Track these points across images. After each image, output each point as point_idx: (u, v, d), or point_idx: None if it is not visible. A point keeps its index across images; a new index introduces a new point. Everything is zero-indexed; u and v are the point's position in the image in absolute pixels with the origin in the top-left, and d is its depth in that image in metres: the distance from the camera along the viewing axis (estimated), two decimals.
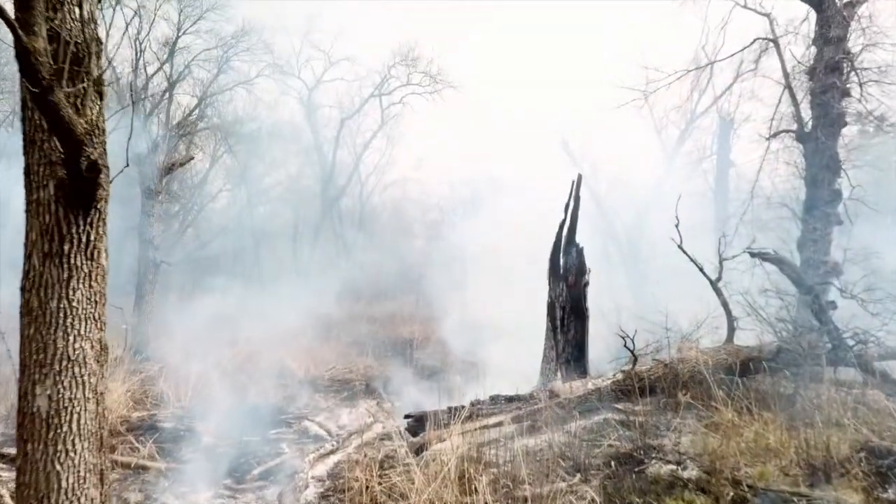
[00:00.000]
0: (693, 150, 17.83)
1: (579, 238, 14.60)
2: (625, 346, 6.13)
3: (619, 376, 6.27)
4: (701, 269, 7.56)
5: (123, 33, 18.78)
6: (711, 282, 7.50)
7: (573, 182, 6.81)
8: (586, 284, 6.63)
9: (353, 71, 19.53)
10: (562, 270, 6.77)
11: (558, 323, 6.64)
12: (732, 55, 9.50)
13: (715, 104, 15.97)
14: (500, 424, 5.65)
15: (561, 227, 6.83)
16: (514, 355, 9.64)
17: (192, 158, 9.18)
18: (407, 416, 5.66)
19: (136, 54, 21.24)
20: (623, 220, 22.27)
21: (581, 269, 6.67)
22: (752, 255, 7.17)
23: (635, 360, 6.26)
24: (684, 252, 7.58)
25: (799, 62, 9.56)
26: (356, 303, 18.07)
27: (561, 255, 6.81)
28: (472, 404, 5.75)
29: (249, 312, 14.68)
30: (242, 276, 20.74)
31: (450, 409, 5.61)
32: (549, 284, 6.83)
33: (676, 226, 7.67)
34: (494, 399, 5.83)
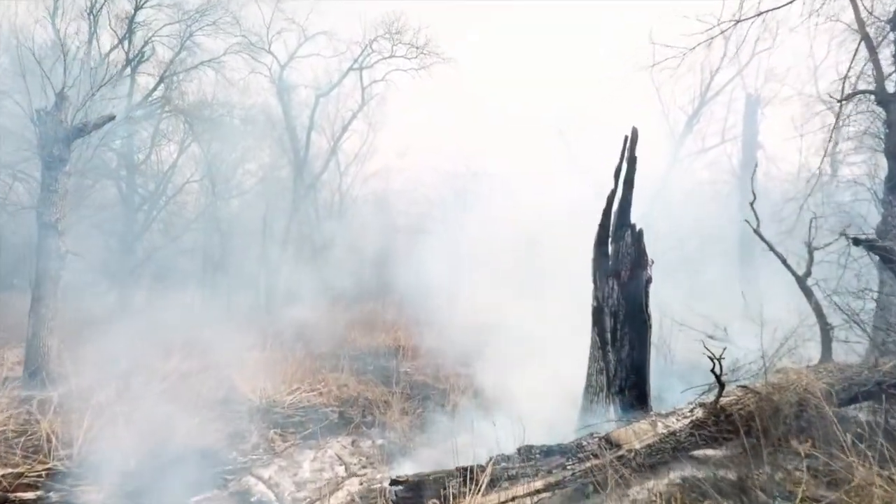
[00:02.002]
0: (707, 135, 16.21)
1: (584, 232, 12.76)
2: (712, 370, 4.24)
3: (699, 413, 4.38)
4: (784, 262, 5.73)
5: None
6: (799, 279, 5.67)
7: (626, 138, 4.91)
8: (648, 281, 4.73)
9: (331, 47, 17.46)
10: (611, 262, 4.86)
11: (608, 335, 4.72)
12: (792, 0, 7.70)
13: (740, 77, 14.28)
14: (537, 493, 3.72)
15: (609, 202, 4.92)
16: (534, 369, 7.74)
17: (114, 118, 7.06)
18: (395, 483, 3.68)
19: (91, 29, 18.86)
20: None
21: (639, 260, 4.77)
22: (857, 242, 5.35)
23: (721, 388, 4.39)
24: (763, 239, 5.75)
25: (870, 13, 7.86)
26: (333, 305, 15.99)
27: (610, 240, 4.90)
28: (495, 462, 3.80)
29: (201, 318, 12.55)
30: (204, 276, 18.49)
31: (460, 470, 3.68)
32: (595, 282, 4.91)
33: (752, 203, 5.84)
34: (526, 452, 3.90)
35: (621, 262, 4.81)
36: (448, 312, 15.53)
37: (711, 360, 4.22)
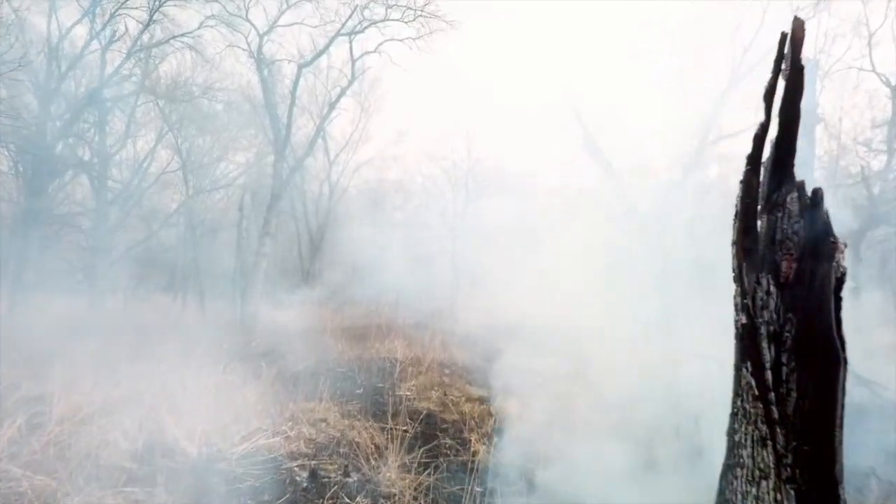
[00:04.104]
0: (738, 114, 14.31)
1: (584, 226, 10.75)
2: None
3: None
4: None
5: None
6: None
7: (783, 36, 2.91)
8: (840, 280, 2.71)
9: (317, 16, 15.42)
10: (761, 248, 2.85)
11: (768, 374, 2.69)
12: None
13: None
14: None
15: (758, 143, 2.90)
16: (580, 394, 5.75)
17: None
18: None
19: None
20: (644, 210, 18.67)
21: (818, 242, 2.76)
22: None
23: None
24: None
25: None
26: (319, 308, 13.94)
27: (760, 208, 2.89)
28: None
29: (160, 326, 10.50)
30: (184, 276, 16.40)
31: None
32: (739, 281, 2.87)
33: None
34: None
35: (781, 246, 2.78)
36: (452, 316, 13.52)
37: None
